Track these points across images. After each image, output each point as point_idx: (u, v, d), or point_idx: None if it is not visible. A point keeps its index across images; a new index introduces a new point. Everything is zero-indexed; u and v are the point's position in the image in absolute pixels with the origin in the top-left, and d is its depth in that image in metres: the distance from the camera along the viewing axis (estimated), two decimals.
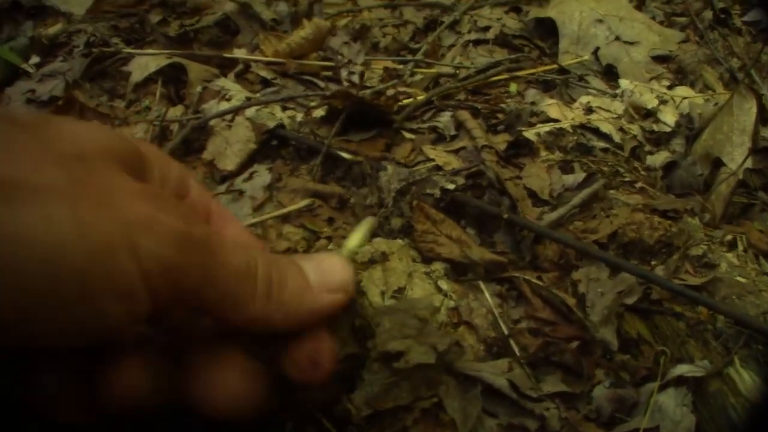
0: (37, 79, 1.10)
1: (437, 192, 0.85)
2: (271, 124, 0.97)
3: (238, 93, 1.04)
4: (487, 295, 0.77)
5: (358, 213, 0.87)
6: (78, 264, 0.31)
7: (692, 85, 1.24)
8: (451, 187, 0.86)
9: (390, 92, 1.08)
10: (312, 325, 0.44)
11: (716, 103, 1.07)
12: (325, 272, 0.44)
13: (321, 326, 0.45)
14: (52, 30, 1.19)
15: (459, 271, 0.80)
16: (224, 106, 1.00)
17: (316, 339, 0.45)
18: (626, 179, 0.94)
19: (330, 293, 0.44)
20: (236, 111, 0.98)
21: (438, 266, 0.80)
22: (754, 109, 0.99)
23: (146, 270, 0.34)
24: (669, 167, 1.00)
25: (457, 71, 1.20)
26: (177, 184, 0.46)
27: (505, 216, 0.81)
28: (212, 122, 0.98)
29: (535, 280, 0.78)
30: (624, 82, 1.18)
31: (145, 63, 1.10)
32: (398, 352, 0.63)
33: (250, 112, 0.99)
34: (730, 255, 0.82)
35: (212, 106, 1.01)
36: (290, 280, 0.42)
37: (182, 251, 0.35)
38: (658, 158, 1.02)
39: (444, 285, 0.77)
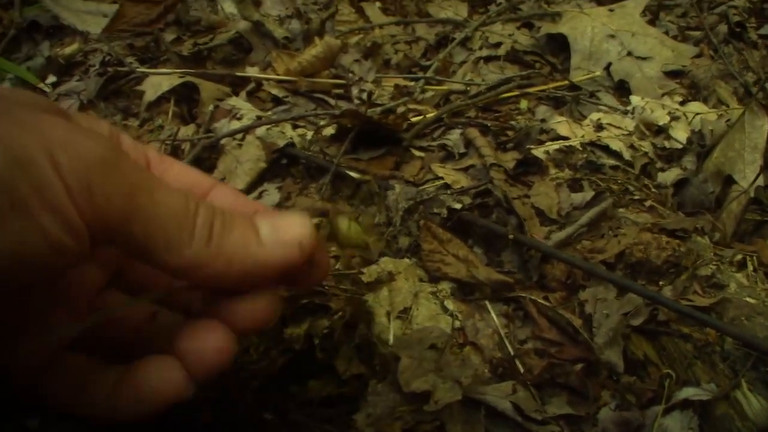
0: (53, 98, 1.12)
1: (444, 211, 0.86)
2: (281, 143, 0.98)
3: (249, 112, 1.05)
4: (493, 315, 0.77)
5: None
6: (4, 171, 0.32)
7: (705, 101, 1.22)
8: (458, 206, 0.86)
9: (400, 110, 1.08)
10: (263, 280, 0.43)
11: (728, 120, 1.06)
12: (280, 227, 0.43)
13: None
14: (69, 50, 1.21)
15: (465, 290, 0.80)
16: (235, 125, 1.01)
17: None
18: (636, 197, 0.94)
19: (282, 247, 0.42)
20: (247, 130, 0.99)
21: (445, 286, 0.80)
22: (766, 126, 0.98)
23: (68, 184, 0.34)
24: (680, 184, 1.00)
25: (468, 88, 1.20)
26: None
27: (511, 236, 0.81)
28: (223, 141, 0.99)
29: (541, 300, 0.78)
30: (635, 99, 1.17)
31: (158, 82, 1.12)
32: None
33: (261, 130, 1.00)
34: (739, 275, 0.81)
35: (223, 125, 1.03)
36: (236, 229, 0.41)
37: (104, 174, 0.36)
38: (669, 175, 1.01)
39: (450, 305, 0.77)
